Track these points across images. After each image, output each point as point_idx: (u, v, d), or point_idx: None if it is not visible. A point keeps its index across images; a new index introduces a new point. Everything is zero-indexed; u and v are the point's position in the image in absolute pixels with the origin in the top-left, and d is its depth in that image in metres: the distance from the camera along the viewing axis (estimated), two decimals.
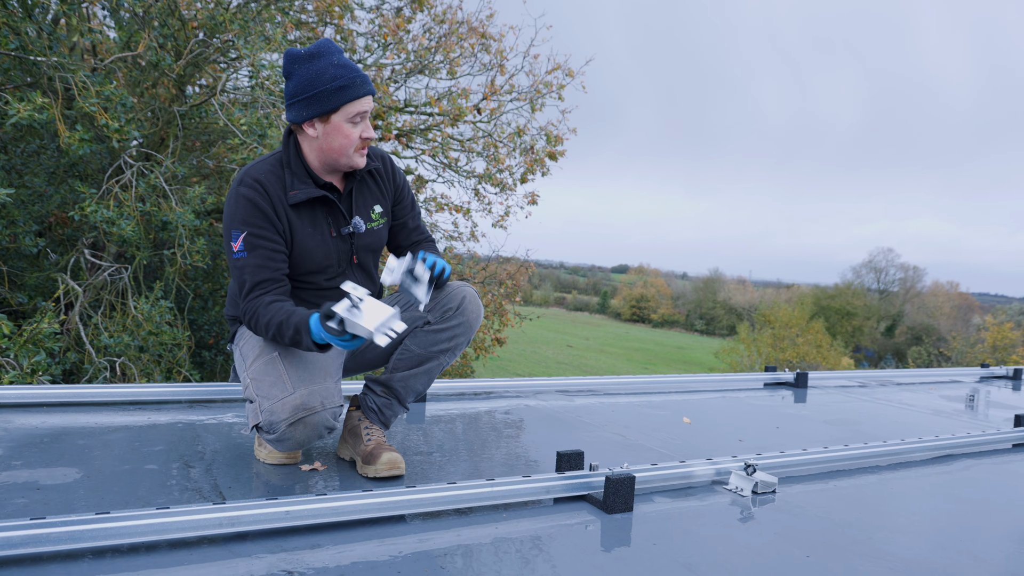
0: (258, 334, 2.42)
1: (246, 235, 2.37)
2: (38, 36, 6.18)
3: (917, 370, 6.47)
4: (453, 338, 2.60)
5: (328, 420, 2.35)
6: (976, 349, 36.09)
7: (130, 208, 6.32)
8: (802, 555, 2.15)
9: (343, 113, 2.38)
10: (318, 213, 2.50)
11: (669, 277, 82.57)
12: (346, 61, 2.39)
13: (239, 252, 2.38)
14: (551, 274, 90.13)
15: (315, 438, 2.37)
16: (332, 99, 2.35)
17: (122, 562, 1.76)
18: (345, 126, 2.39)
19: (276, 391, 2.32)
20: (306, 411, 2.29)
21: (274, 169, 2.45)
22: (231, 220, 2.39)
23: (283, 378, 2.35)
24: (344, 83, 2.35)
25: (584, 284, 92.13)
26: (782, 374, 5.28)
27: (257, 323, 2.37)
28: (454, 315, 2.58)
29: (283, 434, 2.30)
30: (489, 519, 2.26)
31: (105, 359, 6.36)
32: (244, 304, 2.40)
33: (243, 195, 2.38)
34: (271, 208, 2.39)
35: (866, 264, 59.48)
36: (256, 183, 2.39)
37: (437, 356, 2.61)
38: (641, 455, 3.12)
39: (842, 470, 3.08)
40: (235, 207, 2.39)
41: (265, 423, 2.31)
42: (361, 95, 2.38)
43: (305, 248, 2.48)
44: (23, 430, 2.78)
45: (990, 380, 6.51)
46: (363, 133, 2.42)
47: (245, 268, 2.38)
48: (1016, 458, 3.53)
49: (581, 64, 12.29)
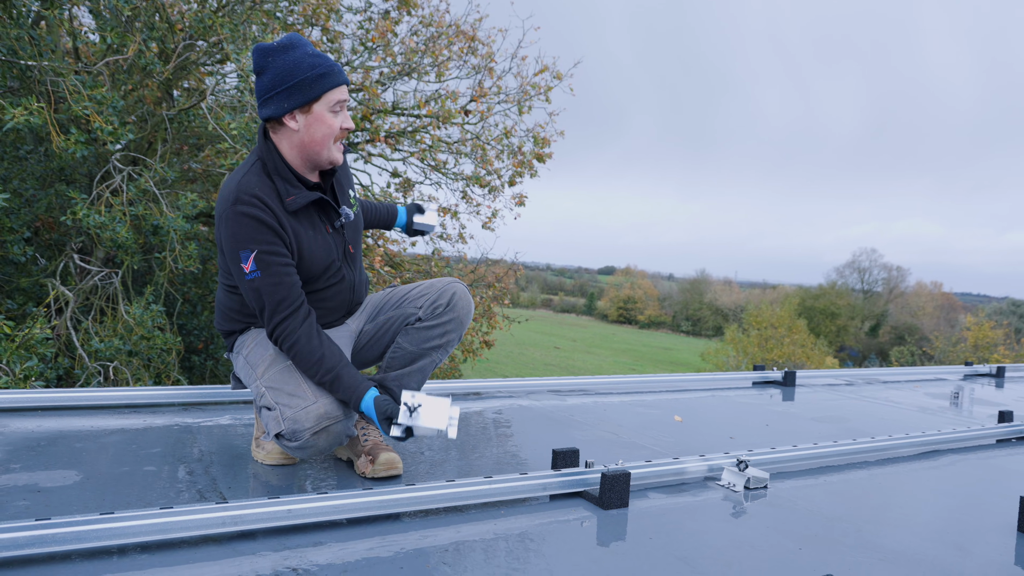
0: (294, 361, 2.38)
1: (256, 254, 2.29)
2: (28, 41, 6.18)
3: (903, 368, 6.55)
4: (445, 334, 2.62)
5: (349, 428, 2.39)
6: (958, 348, 36.43)
7: (121, 212, 6.32)
8: (794, 547, 2.20)
9: (324, 102, 2.33)
10: (313, 213, 2.47)
11: (656, 278, 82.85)
12: (317, 52, 2.35)
13: (252, 273, 2.30)
14: (538, 276, 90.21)
15: (336, 445, 2.40)
16: (314, 87, 2.30)
17: (127, 562, 1.78)
18: (327, 115, 2.34)
19: (298, 400, 2.32)
20: (330, 420, 2.30)
21: (263, 180, 2.36)
22: (236, 242, 2.29)
23: (303, 387, 2.35)
24: (324, 71, 2.31)
25: (571, 286, 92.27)
26: (770, 373, 5.34)
27: (297, 353, 2.35)
28: (445, 311, 2.59)
29: (306, 442, 2.30)
30: (487, 516, 2.29)
31: (97, 364, 6.34)
32: (273, 328, 2.35)
33: (244, 213, 2.28)
34: (276, 222, 2.32)
35: (850, 264, 60.01)
36: (254, 199, 2.29)
37: (430, 353, 2.62)
38: (635, 452, 3.16)
39: (832, 466, 3.13)
40: (238, 227, 2.29)
41: (288, 432, 2.30)
42: (340, 83, 2.35)
43: (311, 252, 2.44)
44: (20, 434, 2.79)
45: (974, 378, 6.60)
46: (343, 123, 2.38)
47: (261, 289, 2.32)
48: (1000, 453, 3.60)
49: (569, 66, 12.26)
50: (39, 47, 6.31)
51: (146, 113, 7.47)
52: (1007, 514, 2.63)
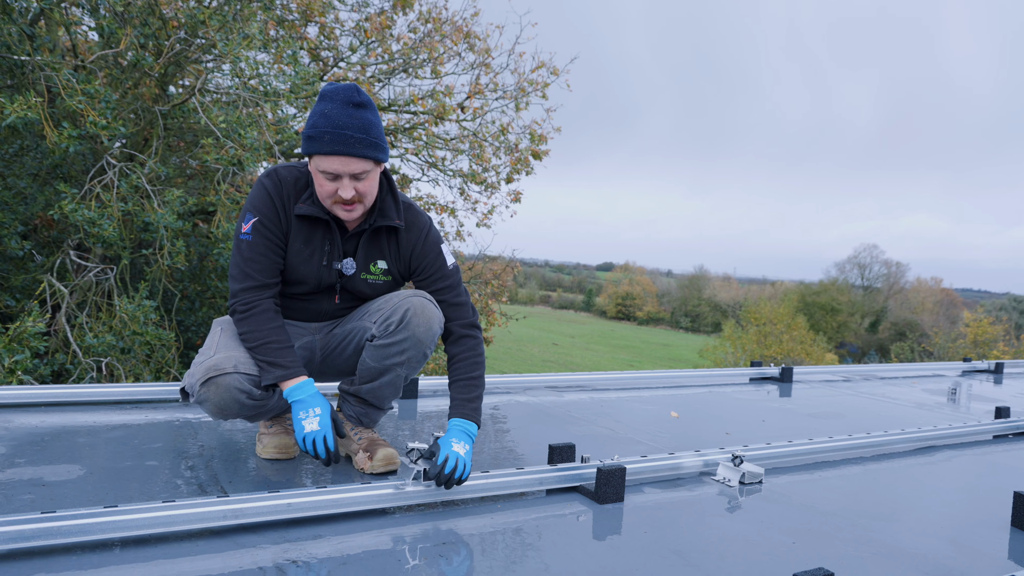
0: (243, 329, 2.39)
1: (255, 222, 2.40)
2: (20, 38, 6.19)
3: (900, 364, 6.58)
4: (403, 352, 2.49)
5: (240, 382, 2.29)
6: (957, 344, 36.45)
7: (112, 209, 6.33)
8: (788, 541, 2.22)
9: (314, 163, 2.31)
10: (316, 235, 2.47)
11: (654, 275, 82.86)
12: (338, 113, 2.25)
13: (245, 233, 2.41)
14: (536, 272, 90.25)
15: (233, 404, 2.32)
16: (304, 145, 2.30)
17: (130, 554, 1.80)
18: (320, 175, 2.30)
19: (200, 358, 2.37)
20: (216, 371, 2.28)
21: (299, 177, 2.45)
22: (250, 202, 2.43)
23: (212, 346, 2.40)
24: (313, 134, 2.26)
25: (569, 282, 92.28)
26: (767, 369, 5.37)
27: (249, 321, 2.37)
28: (398, 329, 2.46)
29: (199, 395, 2.31)
30: (484, 510, 2.32)
31: (91, 359, 6.36)
32: (236, 294, 2.40)
33: (265, 186, 2.42)
34: (281, 208, 2.41)
35: (850, 260, 59.99)
36: (279, 181, 2.42)
37: (393, 368, 2.53)
38: (631, 448, 3.18)
39: (827, 461, 3.16)
40: (257, 192, 2.43)
41: (188, 386, 2.36)
42: (327, 152, 2.24)
43: (293, 264, 2.47)
44: (24, 429, 2.81)
45: (972, 374, 6.63)
46: (339, 191, 2.31)
47: (245, 252, 2.40)
48: (996, 449, 3.63)
49: (566, 62, 12.27)
50: (36, 44, 6.32)
51: (141, 109, 7.47)
52: (1002, 509, 2.66)
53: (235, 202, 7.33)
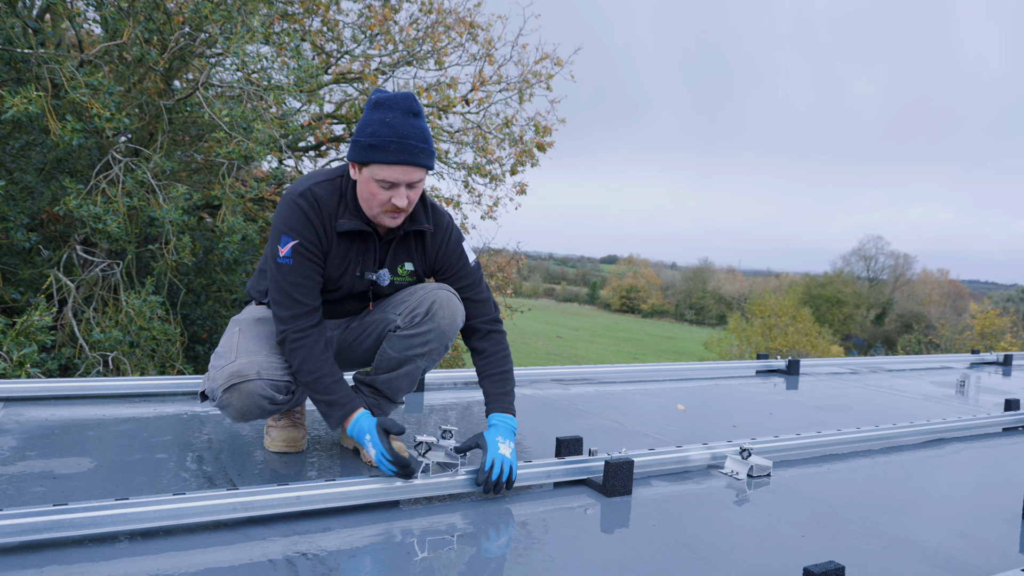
0: (296, 362, 2.36)
1: (295, 245, 2.36)
2: (24, 32, 6.18)
3: (908, 357, 6.57)
4: (426, 343, 2.52)
5: (264, 389, 2.31)
6: (964, 336, 36.37)
7: (117, 204, 6.34)
8: (797, 534, 2.22)
9: (370, 171, 2.30)
10: (354, 248, 2.48)
11: (659, 267, 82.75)
12: (400, 122, 2.27)
13: (285, 258, 2.37)
14: (540, 265, 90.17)
15: (256, 409, 2.33)
16: (362, 154, 2.30)
17: (141, 546, 1.81)
18: (373, 184, 2.30)
19: (221, 361, 2.36)
20: (239, 378, 2.28)
21: (333, 192, 2.42)
22: (284, 224, 2.38)
23: (233, 349, 2.39)
24: (375, 142, 2.26)
25: (573, 275, 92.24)
26: (774, 362, 5.36)
27: (300, 352, 2.35)
28: (423, 320, 2.49)
29: (221, 401, 2.32)
30: (493, 502, 2.32)
31: (98, 354, 6.38)
32: (292, 320, 2.37)
33: (300, 206, 2.36)
34: (322, 228, 2.38)
35: (856, 252, 59.80)
36: (317, 201, 2.38)
37: (414, 359, 2.56)
38: (638, 441, 3.18)
39: (835, 454, 3.15)
40: (291, 214, 2.37)
41: (208, 390, 2.36)
42: (391, 161, 2.26)
43: (329, 275, 2.48)
44: (35, 422, 2.82)
45: (980, 366, 6.62)
46: (393, 199, 2.32)
47: (288, 276, 2.36)
48: (1006, 441, 3.62)
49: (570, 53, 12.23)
50: (40, 38, 6.32)
51: (146, 104, 7.48)
52: (1012, 502, 2.65)
53: (240, 196, 7.34)
